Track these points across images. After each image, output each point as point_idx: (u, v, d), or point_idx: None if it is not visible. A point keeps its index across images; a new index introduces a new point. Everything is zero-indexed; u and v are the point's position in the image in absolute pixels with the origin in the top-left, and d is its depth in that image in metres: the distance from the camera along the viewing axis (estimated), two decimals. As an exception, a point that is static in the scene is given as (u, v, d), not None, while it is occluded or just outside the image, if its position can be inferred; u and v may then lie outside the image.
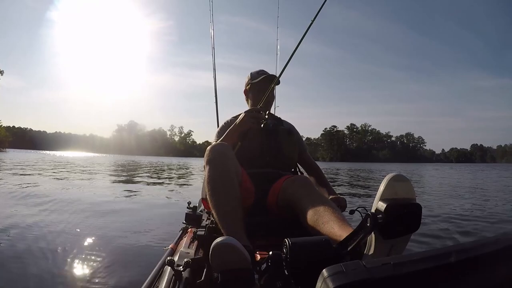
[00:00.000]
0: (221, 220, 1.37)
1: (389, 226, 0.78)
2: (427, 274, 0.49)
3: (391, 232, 0.80)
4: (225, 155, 1.51)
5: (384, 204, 0.78)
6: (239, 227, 1.35)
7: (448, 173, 22.50)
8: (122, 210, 4.96)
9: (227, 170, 1.47)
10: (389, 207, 0.78)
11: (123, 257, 2.65)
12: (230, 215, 1.37)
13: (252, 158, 1.91)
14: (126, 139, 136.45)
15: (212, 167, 1.48)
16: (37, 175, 10.41)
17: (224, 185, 1.43)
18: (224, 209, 1.39)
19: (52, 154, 56.70)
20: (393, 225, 0.79)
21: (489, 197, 7.67)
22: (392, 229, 0.80)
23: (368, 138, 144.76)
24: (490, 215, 5.02)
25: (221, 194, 1.41)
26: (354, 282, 0.48)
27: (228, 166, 1.49)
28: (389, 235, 0.80)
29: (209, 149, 1.54)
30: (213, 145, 1.57)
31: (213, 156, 1.51)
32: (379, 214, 0.78)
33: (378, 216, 0.78)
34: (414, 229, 0.86)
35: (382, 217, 0.78)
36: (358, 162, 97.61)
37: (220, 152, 1.52)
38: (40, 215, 4.17)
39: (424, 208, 3.96)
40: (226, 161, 1.50)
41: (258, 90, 2.10)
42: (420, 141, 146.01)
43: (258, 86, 2.11)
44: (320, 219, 1.30)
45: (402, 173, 0.90)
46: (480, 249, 0.54)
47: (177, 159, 65.54)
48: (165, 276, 1.31)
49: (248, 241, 1.30)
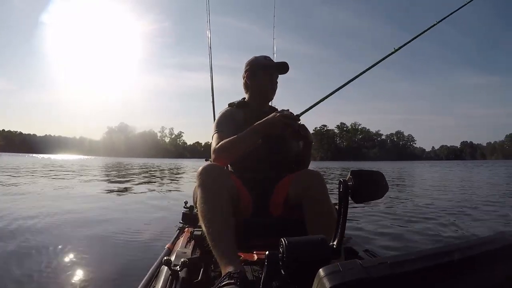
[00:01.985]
0: (215, 248, 1.33)
1: (358, 190, 0.83)
2: (424, 273, 0.49)
3: (362, 195, 0.85)
4: (215, 181, 1.43)
5: (350, 176, 0.85)
6: (233, 253, 1.32)
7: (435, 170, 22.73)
8: (118, 210, 4.97)
9: (219, 197, 1.40)
10: (355, 172, 0.85)
11: (120, 257, 2.64)
12: (223, 242, 1.33)
13: (255, 162, 1.75)
14: (117, 141, 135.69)
15: (203, 194, 1.41)
16: (30, 178, 10.29)
17: (216, 214, 1.37)
18: (217, 238, 1.34)
19: (41, 157, 56.09)
20: (362, 188, 0.84)
21: (485, 195, 7.75)
22: (362, 193, 0.85)
23: (358, 136, 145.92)
24: (486, 213, 5.09)
25: (213, 224, 1.36)
26: (350, 281, 0.47)
27: (220, 192, 1.41)
28: (359, 198, 0.85)
29: (200, 172, 1.46)
30: (204, 168, 1.47)
31: (205, 183, 1.43)
32: (349, 182, 0.83)
33: (348, 183, 0.83)
34: (381, 195, 0.94)
35: (352, 183, 0.83)
36: (348, 161, 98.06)
37: (212, 178, 1.44)
38: (36, 217, 4.11)
39: (422, 206, 3.99)
40: (217, 188, 1.41)
41: (271, 74, 1.89)
42: (410, 139, 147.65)
43: (271, 71, 1.90)
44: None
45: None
46: (477, 248, 0.54)
47: (168, 160, 65.20)
48: (162, 276, 1.31)
49: (241, 266, 1.29)
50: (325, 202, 1.46)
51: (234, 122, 1.79)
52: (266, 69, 1.89)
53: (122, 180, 11.24)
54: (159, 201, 6.23)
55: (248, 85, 1.94)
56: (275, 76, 1.91)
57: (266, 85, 1.89)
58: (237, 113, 1.86)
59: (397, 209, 5.44)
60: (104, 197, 6.57)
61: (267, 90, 1.90)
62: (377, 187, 0.92)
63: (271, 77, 1.89)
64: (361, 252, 1.59)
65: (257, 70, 1.90)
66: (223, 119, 1.82)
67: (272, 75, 1.89)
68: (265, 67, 1.89)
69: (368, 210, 5.16)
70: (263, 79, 1.88)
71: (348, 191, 0.83)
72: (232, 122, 1.79)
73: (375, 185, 0.92)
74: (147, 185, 9.59)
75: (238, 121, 1.80)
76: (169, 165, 30.18)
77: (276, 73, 1.91)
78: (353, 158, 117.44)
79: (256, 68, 1.90)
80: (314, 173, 1.60)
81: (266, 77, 1.89)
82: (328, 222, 1.35)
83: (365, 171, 0.88)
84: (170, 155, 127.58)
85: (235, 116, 1.84)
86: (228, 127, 1.75)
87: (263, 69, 1.89)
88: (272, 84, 1.90)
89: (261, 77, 1.89)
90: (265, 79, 1.89)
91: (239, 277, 1.14)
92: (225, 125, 1.77)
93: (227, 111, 1.90)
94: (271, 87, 1.90)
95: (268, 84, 1.89)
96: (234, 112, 1.86)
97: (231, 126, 1.75)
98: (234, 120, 1.81)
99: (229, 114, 1.86)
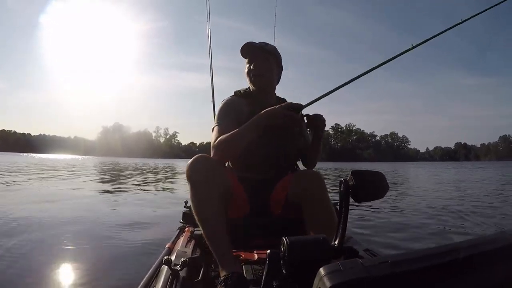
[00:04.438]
0: (211, 245, 1.35)
1: (359, 189, 0.85)
2: (425, 272, 0.49)
3: (362, 195, 0.86)
4: (206, 176, 1.40)
5: (351, 176, 0.86)
6: (228, 253, 1.34)
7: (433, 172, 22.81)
8: (118, 210, 4.95)
9: (209, 192, 1.39)
10: (356, 172, 0.86)
11: (120, 257, 2.64)
12: (217, 239, 1.35)
13: (256, 158, 1.66)
14: (111, 141, 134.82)
15: (193, 190, 1.41)
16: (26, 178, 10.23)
17: (208, 210, 1.38)
18: (211, 233, 1.36)
19: (37, 157, 55.71)
20: (363, 188, 0.86)
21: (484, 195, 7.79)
22: (362, 192, 0.86)
23: (353, 137, 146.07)
24: (487, 213, 5.12)
25: (206, 220, 1.37)
26: (351, 280, 0.47)
27: (210, 187, 1.39)
28: (360, 198, 0.86)
29: (189, 165, 1.43)
30: (195, 160, 1.43)
31: (194, 177, 1.41)
32: (350, 181, 0.85)
33: (349, 183, 0.85)
34: (382, 195, 0.95)
35: (353, 182, 0.85)
36: (343, 162, 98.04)
37: (201, 172, 1.41)
38: (35, 216, 4.11)
39: (422, 206, 4.00)
40: (209, 183, 1.39)
41: (249, 62, 1.78)
42: (404, 140, 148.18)
43: (247, 58, 1.79)
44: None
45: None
46: (478, 248, 0.54)
47: (164, 160, 64.92)
48: (162, 275, 1.31)
49: (238, 264, 1.31)
50: (324, 202, 1.46)
51: (236, 113, 1.67)
52: (244, 55, 1.79)
53: (121, 181, 11.18)
54: (159, 200, 6.22)
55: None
56: (255, 61, 1.75)
57: (247, 71, 1.78)
58: (241, 103, 1.73)
59: (398, 209, 5.48)
60: (104, 197, 6.53)
61: (249, 76, 1.77)
62: (378, 187, 0.93)
63: (249, 62, 1.77)
64: (361, 251, 1.59)
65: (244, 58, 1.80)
66: (225, 110, 1.70)
67: (250, 60, 1.77)
68: (244, 53, 1.78)
69: (368, 210, 5.18)
70: (245, 65, 1.79)
71: (349, 191, 0.84)
72: (234, 113, 1.67)
73: (376, 185, 0.93)
74: (147, 185, 9.55)
75: (242, 112, 1.68)
76: (165, 166, 30.03)
77: (253, 58, 1.77)
78: (347, 159, 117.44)
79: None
80: (314, 173, 1.60)
81: (246, 62, 1.79)
82: (327, 223, 1.37)
83: (366, 171, 0.88)
84: (165, 155, 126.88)
85: (239, 107, 1.71)
86: (230, 119, 1.63)
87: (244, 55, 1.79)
88: (250, 69, 1.76)
89: (245, 64, 1.79)
90: (246, 65, 1.79)
91: (233, 283, 1.17)
92: (226, 117, 1.66)
93: (230, 100, 1.77)
94: (251, 73, 1.75)
95: (248, 69, 1.77)
96: (237, 102, 1.74)
97: (234, 118, 1.64)
98: (236, 111, 1.68)
99: (232, 104, 1.73)
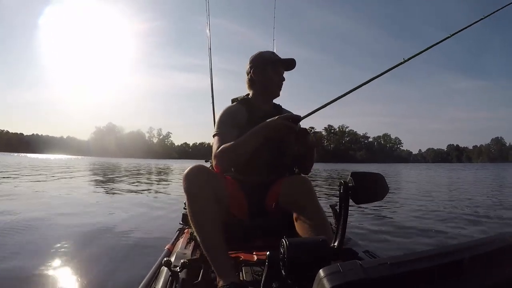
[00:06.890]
0: (208, 255, 1.35)
1: (358, 191, 0.85)
2: (424, 274, 0.50)
3: (362, 196, 0.87)
4: (200, 186, 1.41)
5: (351, 177, 0.86)
6: (226, 263, 1.34)
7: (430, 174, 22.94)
8: (118, 212, 4.93)
9: (205, 203, 1.40)
10: (355, 174, 0.86)
11: (120, 258, 2.64)
12: (215, 249, 1.36)
13: (256, 165, 1.68)
14: (105, 141, 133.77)
15: (190, 202, 1.42)
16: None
17: (204, 222, 1.38)
18: (208, 244, 1.37)
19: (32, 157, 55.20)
20: (363, 190, 0.86)
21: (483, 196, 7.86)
22: (362, 194, 0.86)
23: (346, 139, 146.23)
24: (486, 214, 5.17)
25: (203, 231, 1.38)
26: (350, 282, 0.48)
27: (206, 198, 1.40)
28: (359, 199, 0.86)
29: (184, 176, 1.44)
30: (189, 172, 1.45)
31: (190, 188, 1.42)
32: (349, 183, 0.85)
33: (349, 185, 0.85)
34: (382, 197, 0.96)
35: (352, 184, 0.85)
36: (336, 163, 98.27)
37: (198, 185, 1.42)
38: (35, 218, 4.10)
39: (421, 207, 4.04)
40: (205, 196, 1.40)
41: (280, 70, 1.83)
42: (397, 142, 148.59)
43: (278, 68, 1.82)
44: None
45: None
46: (477, 249, 0.55)
47: (157, 161, 64.65)
48: (162, 277, 1.32)
49: (234, 275, 1.31)
50: (310, 207, 1.48)
51: (236, 122, 1.71)
52: (275, 64, 1.81)
53: (118, 182, 11.12)
54: (159, 202, 6.21)
55: (254, 81, 1.83)
56: (282, 72, 1.84)
57: (275, 81, 1.81)
58: (241, 112, 1.77)
59: (397, 210, 5.52)
60: (102, 199, 6.51)
61: (275, 86, 1.82)
62: (378, 189, 0.94)
63: (280, 73, 1.83)
64: (361, 253, 1.60)
65: (265, 65, 1.80)
66: (225, 119, 1.73)
67: (280, 70, 1.83)
68: (274, 62, 1.81)
69: (368, 212, 5.20)
70: (272, 74, 1.80)
71: (349, 193, 0.85)
72: (234, 121, 1.71)
73: (376, 187, 0.94)
74: (146, 185, 9.52)
75: (242, 120, 1.72)
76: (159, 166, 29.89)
77: (283, 70, 1.84)
78: (340, 160, 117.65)
79: (265, 63, 1.81)
80: (302, 179, 1.63)
81: (275, 72, 1.81)
82: (315, 228, 1.39)
83: (365, 173, 0.89)
84: (159, 156, 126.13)
85: (238, 115, 1.75)
86: (230, 128, 1.68)
87: (271, 64, 1.80)
88: (281, 80, 1.83)
89: (269, 73, 1.79)
90: (275, 75, 1.80)
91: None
92: (227, 125, 1.70)
93: (229, 109, 1.80)
94: (279, 83, 1.83)
95: (277, 80, 1.81)
96: (237, 110, 1.78)
97: (234, 126, 1.69)
98: (237, 119, 1.73)
99: (232, 112, 1.77)
